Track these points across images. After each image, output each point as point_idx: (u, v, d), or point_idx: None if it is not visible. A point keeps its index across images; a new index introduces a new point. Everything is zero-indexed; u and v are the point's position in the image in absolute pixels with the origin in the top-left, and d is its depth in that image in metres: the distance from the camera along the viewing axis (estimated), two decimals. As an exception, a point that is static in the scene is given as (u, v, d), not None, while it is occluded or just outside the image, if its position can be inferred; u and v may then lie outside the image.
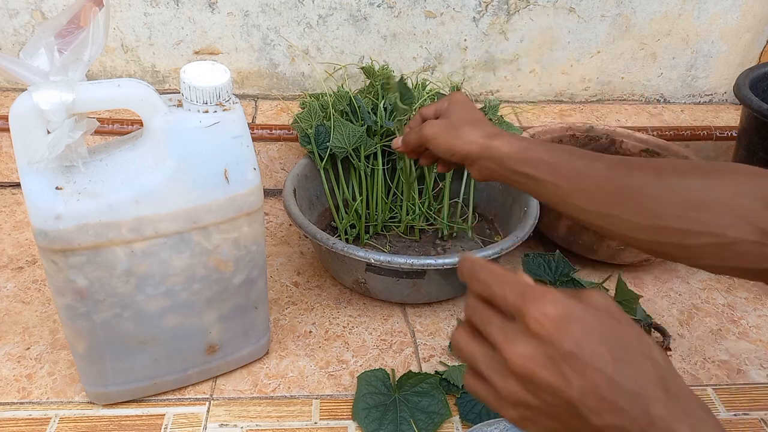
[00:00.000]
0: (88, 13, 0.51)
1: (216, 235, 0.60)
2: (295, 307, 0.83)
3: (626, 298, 0.82)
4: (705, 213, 0.50)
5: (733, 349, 0.82)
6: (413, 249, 0.90)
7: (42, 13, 1.01)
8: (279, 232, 0.98)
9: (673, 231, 0.52)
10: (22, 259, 0.88)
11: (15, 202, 1.00)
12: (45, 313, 0.79)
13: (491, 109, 0.92)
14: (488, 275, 0.38)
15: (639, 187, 0.53)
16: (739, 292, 0.92)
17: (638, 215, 0.53)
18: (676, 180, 0.53)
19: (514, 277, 0.37)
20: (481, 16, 1.08)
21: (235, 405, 0.69)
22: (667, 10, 1.11)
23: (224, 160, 0.58)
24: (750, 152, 0.94)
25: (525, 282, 0.36)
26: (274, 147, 1.03)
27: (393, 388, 0.70)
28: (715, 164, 0.54)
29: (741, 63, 1.20)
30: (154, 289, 0.60)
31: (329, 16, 1.05)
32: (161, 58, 1.07)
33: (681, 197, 0.52)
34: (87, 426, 0.66)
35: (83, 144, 0.53)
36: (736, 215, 0.50)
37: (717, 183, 0.52)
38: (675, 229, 0.52)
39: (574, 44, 1.13)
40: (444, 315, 0.84)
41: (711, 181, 0.52)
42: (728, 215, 0.50)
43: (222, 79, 0.56)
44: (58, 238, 0.54)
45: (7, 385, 0.69)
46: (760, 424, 0.71)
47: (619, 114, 1.17)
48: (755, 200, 0.50)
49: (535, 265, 0.83)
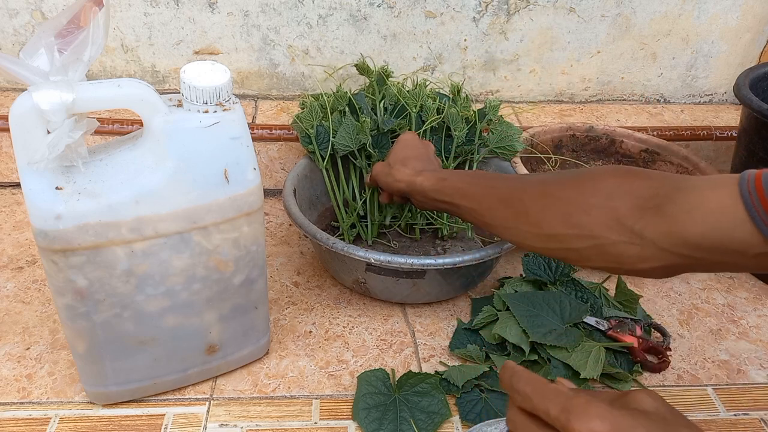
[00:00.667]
0: (88, 13, 0.51)
1: (216, 235, 0.60)
2: (295, 307, 0.83)
3: (626, 298, 0.83)
4: (585, 217, 0.54)
5: (733, 349, 0.82)
6: (413, 249, 0.90)
7: (42, 13, 1.01)
8: (279, 232, 0.98)
9: (561, 237, 0.57)
10: (22, 259, 0.88)
11: (15, 202, 1.00)
12: (45, 313, 0.79)
13: (491, 109, 0.92)
14: (529, 388, 0.38)
15: (531, 201, 0.59)
16: (739, 292, 0.92)
17: (531, 226, 0.59)
18: (559, 190, 0.58)
19: (555, 388, 0.37)
20: (481, 16, 1.08)
21: (235, 405, 0.69)
22: (667, 10, 1.11)
23: (224, 160, 0.58)
24: (750, 152, 0.94)
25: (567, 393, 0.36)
26: (274, 147, 1.03)
27: (393, 388, 0.70)
28: (590, 170, 0.59)
29: (741, 63, 1.20)
30: (154, 289, 0.60)
31: (329, 16, 1.05)
32: (161, 58, 1.07)
33: (564, 206, 0.56)
34: (87, 426, 0.66)
35: (83, 144, 0.53)
36: (610, 217, 0.53)
37: (594, 187, 0.55)
38: (562, 235, 0.56)
39: (574, 44, 1.13)
40: (444, 315, 0.84)
41: (588, 185, 0.56)
42: (604, 218, 0.53)
43: (222, 79, 0.56)
44: (58, 238, 0.54)
45: (7, 385, 0.69)
46: (760, 424, 0.71)
47: (619, 114, 1.17)
48: (628, 201, 0.53)
49: (535, 265, 0.83)
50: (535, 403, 0.36)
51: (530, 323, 0.74)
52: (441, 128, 0.90)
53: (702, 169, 0.96)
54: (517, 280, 0.83)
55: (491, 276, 0.89)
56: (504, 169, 0.93)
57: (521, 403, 0.38)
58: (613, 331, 0.77)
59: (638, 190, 0.53)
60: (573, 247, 0.57)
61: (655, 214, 0.51)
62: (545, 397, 0.36)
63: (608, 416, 0.33)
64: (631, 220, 0.52)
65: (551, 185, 0.59)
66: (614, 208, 0.53)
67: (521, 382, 0.38)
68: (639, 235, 0.51)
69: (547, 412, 0.36)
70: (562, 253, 0.60)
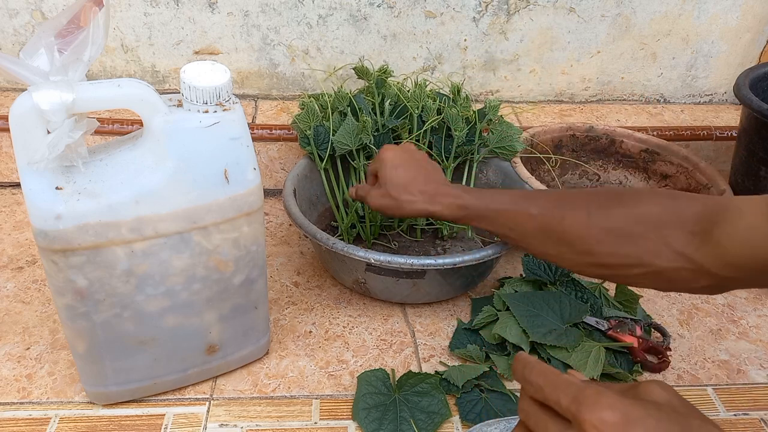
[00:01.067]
0: (88, 13, 0.51)
1: (216, 235, 0.60)
2: (295, 307, 0.83)
3: (626, 298, 0.83)
4: (633, 247, 0.55)
5: (733, 349, 0.82)
6: (413, 249, 0.90)
7: (42, 13, 1.01)
8: (279, 232, 0.98)
9: (608, 266, 0.57)
10: (22, 259, 0.88)
11: (15, 202, 1.00)
12: (45, 313, 0.79)
13: (491, 109, 0.92)
14: (541, 379, 0.38)
15: (571, 229, 0.58)
16: (739, 292, 0.92)
17: (576, 254, 0.59)
18: (603, 216, 0.57)
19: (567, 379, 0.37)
20: (481, 16, 1.08)
21: (235, 405, 0.69)
22: (667, 10, 1.11)
23: (224, 160, 0.58)
24: (750, 152, 0.94)
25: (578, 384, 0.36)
26: (274, 147, 1.03)
27: (393, 388, 0.70)
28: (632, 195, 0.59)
29: (741, 63, 1.20)
30: (154, 289, 0.60)
31: (329, 16, 1.05)
32: (161, 58, 1.07)
33: (609, 235, 0.56)
34: (87, 426, 0.66)
35: (83, 144, 0.53)
36: (661, 244, 0.53)
37: (639, 213, 0.56)
38: (609, 264, 0.57)
39: (574, 44, 1.13)
40: (444, 315, 0.84)
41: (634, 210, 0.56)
42: (653, 246, 0.54)
43: (222, 79, 0.56)
44: (58, 238, 0.54)
45: (7, 385, 0.69)
46: (760, 424, 0.71)
47: (619, 114, 1.17)
48: (676, 227, 0.53)
49: (535, 265, 0.83)
50: (547, 394, 0.37)
51: (530, 323, 0.74)
52: (441, 128, 0.90)
53: (702, 169, 0.96)
54: (517, 280, 0.83)
55: (491, 276, 0.89)
56: (504, 169, 0.93)
57: (533, 393, 0.38)
58: (613, 331, 0.77)
59: (684, 215, 0.53)
60: (621, 274, 0.57)
61: (703, 239, 0.52)
62: (557, 387, 0.36)
63: (619, 406, 0.33)
64: (681, 247, 0.52)
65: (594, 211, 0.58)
66: (663, 236, 0.53)
67: (533, 373, 0.38)
68: (690, 260, 0.52)
69: (558, 402, 0.36)
70: (610, 278, 0.60)
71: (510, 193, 0.66)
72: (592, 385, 0.36)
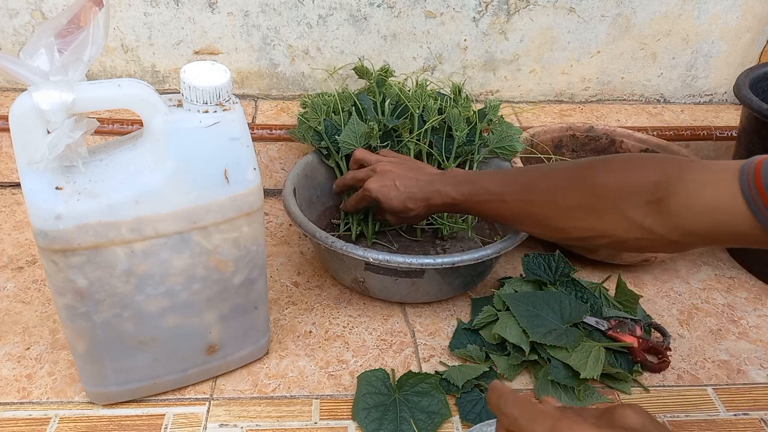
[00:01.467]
0: (88, 13, 0.51)
1: (216, 235, 0.60)
2: (295, 307, 0.83)
3: (626, 298, 0.83)
4: (597, 221, 0.60)
5: (733, 349, 0.82)
6: (413, 248, 0.90)
7: (42, 13, 1.01)
8: (279, 232, 0.98)
9: (578, 239, 0.64)
10: (22, 259, 0.88)
11: (15, 202, 1.00)
12: (45, 313, 0.79)
13: (491, 109, 0.92)
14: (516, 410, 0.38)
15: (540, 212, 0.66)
16: (739, 292, 0.92)
17: (551, 231, 0.68)
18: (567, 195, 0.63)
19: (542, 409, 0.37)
20: (481, 16, 1.08)
21: (235, 405, 0.69)
22: (667, 10, 1.11)
23: (224, 160, 0.58)
24: (750, 152, 0.94)
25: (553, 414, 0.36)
26: (274, 147, 1.03)
27: (393, 388, 0.70)
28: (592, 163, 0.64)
29: (741, 63, 1.20)
30: (154, 289, 0.60)
31: (329, 16, 1.05)
32: (161, 58, 1.07)
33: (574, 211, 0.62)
34: (87, 426, 0.66)
35: (83, 144, 0.53)
36: (620, 217, 0.58)
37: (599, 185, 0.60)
38: (579, 237, 0.64)
39: (574, 44, 1.13)
40: (444, 315, 0.84)
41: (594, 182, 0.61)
42: (614, 218, 0.59)
43: (222, 79, 0.56)
44: (58, 238, 0.54)
45: (7, 385, 0.69)
46: (760, 424, 0.71)
47: (619, 114, 1.17)
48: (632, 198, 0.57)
49: (535, 265, 0.83)
50: (523, 426, 0.37)
51: (530, 323, 0.74)
52: (442, 128, 0.90)
53: (702, 169, 0.96)
54: (517, 280, 0.83)
55: (491, 276, 0.89)
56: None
57: (509, 425, 0.39)
58: (613, 331, 0.77)
59: (640, 184, 0.56)
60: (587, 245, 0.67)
61: (659, 209, 0.54)
62: (532, 419, 0.37)
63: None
64: (639, 218, 0.56)
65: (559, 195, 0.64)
66: (621, 209, 0.57)
67: (508, 405, 0.39)
68: (649, 231, 0.56)
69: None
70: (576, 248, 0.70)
71: (488, 181, 0.72)
72: (567, 414, 0.36)
